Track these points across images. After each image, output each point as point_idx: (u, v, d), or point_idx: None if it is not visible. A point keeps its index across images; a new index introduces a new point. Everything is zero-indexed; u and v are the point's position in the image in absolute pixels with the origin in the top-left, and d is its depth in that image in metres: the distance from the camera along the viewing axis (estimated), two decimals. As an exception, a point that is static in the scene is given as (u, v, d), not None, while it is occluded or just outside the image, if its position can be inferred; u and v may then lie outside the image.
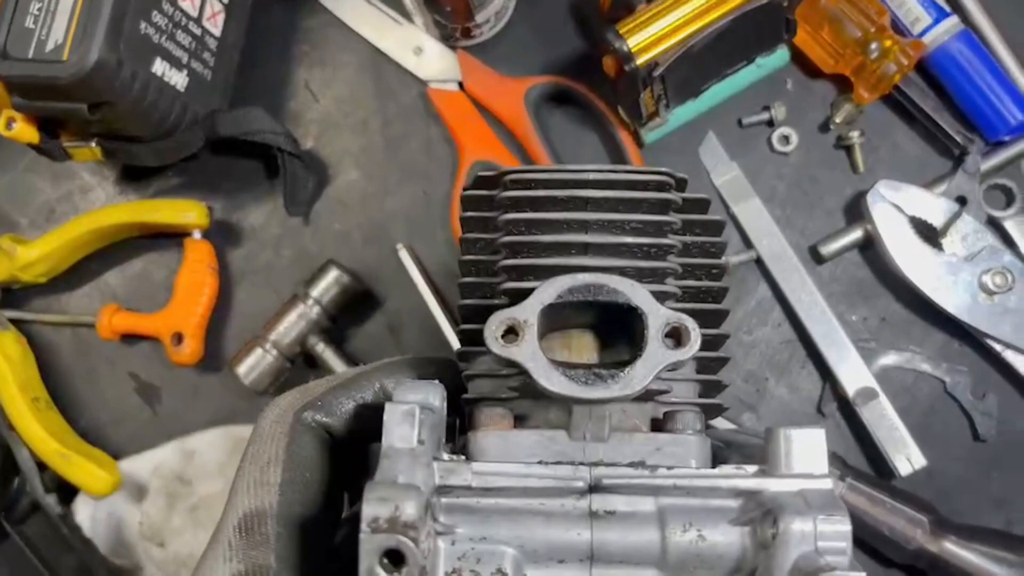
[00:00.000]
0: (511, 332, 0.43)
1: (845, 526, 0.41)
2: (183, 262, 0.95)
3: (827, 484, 0.43)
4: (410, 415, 0.43)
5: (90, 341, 0.97)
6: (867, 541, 0.83)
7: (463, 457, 0.45)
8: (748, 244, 0.92)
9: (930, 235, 0.88)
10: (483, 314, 0.46)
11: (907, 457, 0.85)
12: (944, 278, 0.86)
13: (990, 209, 0.89)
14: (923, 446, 0.85)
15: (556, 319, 0.46)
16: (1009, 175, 0.91)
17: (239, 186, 0.98)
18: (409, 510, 0.38)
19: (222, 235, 0.97)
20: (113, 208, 0.95)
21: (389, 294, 0.95)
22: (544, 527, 0.43)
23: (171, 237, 0.97)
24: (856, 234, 0.91)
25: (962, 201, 0.88)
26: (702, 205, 0.51)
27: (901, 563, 0.84)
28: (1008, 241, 0.89)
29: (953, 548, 0.81)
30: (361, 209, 0.97)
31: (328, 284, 0.92)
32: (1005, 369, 0.89)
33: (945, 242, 0.87)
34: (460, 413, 0.49)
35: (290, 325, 0.92)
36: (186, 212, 0.94)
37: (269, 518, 0.46)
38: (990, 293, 0.86)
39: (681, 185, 0.50)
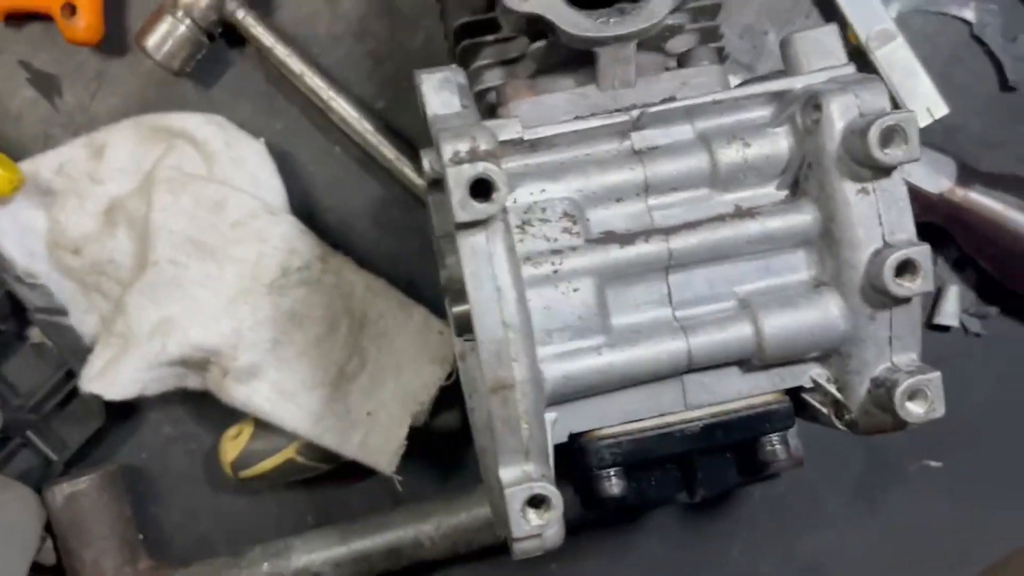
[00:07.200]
0: None
1: (882, 88, 0.43)
2: (68, -86, 0.78)
3: (851, 69, 0.46)
4: (446, 81, 0.43)
5: (-33, 23, 0.81)
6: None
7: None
8: None
9: None
10: (474, 5, 0.50)
11: (927, 107, 0.74)
12: None
13: None
14: (944, 99, 0.74)
15: None
16: None
17: None
18: (486, 139, 0.39)
19: None
20: None
21: (321, -55, 0.80)
22: (598, 172, 0.45)
23: None
24: None
25: None
26: None
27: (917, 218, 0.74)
28: None
29: (978, 197, 0.71)
30: None
31: (245, -68, 0.76)
32: (1044, 4, 0.77)
33: None
34: None
35: (203, -13, 0.77)
36: None
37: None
38: (1034, -96, 0.72)
39: None
